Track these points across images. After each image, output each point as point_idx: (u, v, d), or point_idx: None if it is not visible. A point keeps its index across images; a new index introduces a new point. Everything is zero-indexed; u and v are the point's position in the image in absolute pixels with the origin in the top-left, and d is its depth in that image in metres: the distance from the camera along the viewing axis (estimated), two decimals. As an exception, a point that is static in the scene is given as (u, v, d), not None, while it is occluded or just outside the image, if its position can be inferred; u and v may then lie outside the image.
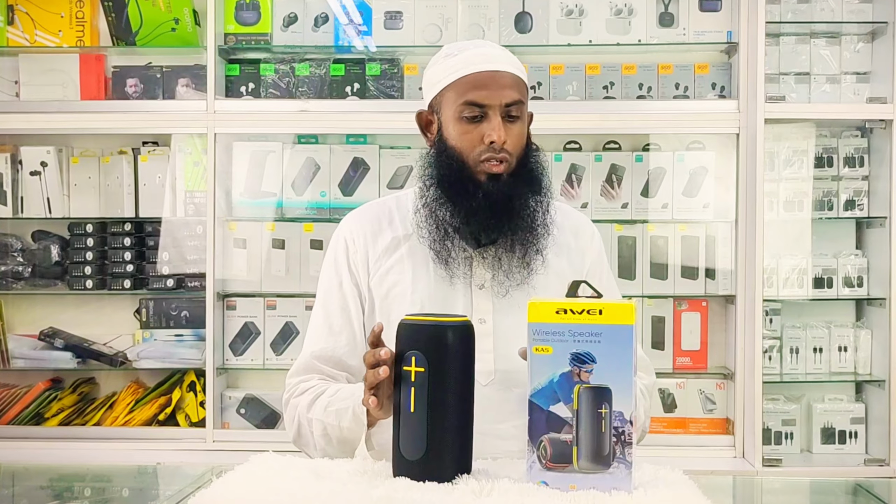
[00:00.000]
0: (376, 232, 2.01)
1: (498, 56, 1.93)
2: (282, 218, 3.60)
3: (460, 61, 1.92)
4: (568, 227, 2.03)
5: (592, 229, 2.09)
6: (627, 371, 1.48)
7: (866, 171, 3.51)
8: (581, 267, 2.02)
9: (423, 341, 1.57)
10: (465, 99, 1.89)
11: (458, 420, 1.57)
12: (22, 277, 3.64)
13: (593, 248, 2.06)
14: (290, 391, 1.98)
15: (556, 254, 1.98)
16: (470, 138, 1.89)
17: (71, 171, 3.64)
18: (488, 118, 1.89)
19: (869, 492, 1.90)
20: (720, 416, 3.51)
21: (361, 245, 2.00)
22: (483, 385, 1.88)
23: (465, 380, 1.59)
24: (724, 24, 3.53)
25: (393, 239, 1.99)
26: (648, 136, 3.57)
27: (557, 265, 1.97)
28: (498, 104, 1.88)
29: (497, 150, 1.88)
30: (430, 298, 1.92)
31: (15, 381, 3.66)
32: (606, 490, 1.48)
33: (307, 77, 3.61)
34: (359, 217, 2.05)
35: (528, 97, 1.97)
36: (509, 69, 1.92)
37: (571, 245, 2.02)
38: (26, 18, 3.65)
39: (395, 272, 1.96)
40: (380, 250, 1.99)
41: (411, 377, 1.56)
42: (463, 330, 1.59)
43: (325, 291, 2.03)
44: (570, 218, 2.06)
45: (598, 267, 2.05)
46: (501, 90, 1.89)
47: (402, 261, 1.97)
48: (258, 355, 3.58)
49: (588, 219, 2.12)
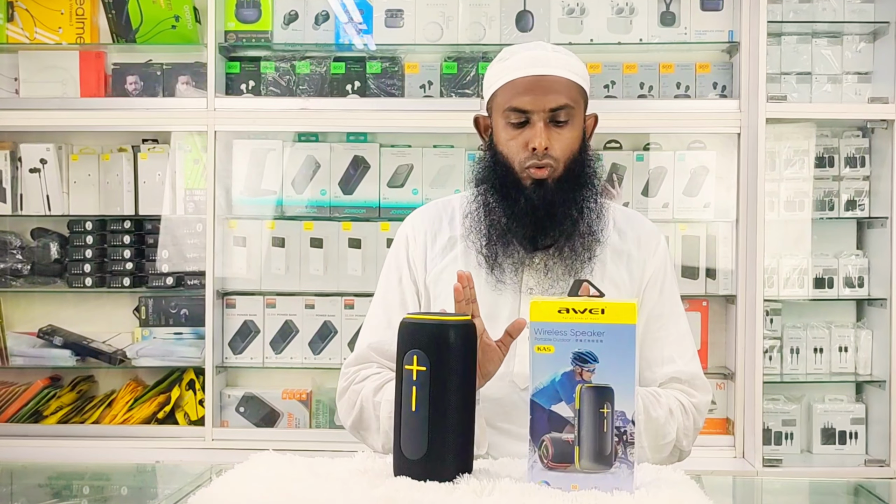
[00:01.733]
0: (436, 230, 2.02)
1: (547, 59, 1.91)
2: (282, 216, 3.59)
3: (510, 65, 1.92)
4: (631, 236, 2.00)
5: (658, 239, 2.03)
6: (630, 371, 1.47)
7: (867, 171, 3.50)
8: (641, 277, 1.98)
9: (425, 340, 1.56)
10: (509, 105, 1.89)
11: (460, 419, 1.56)
12: (21, 275, 3.63)
13: (656, 259, 2.00)
14: (348, 379, 1.98)
15: (615, 262, 1.96)
16: (515, 144, 1.89)
17: (70, 169, 3.63)
18: (532, 124, 1.87)
19: (871, 492, 1.89)
20: (720, 417, 3.50)
21: (421, 242, 2.02)
22: (521, 389, 1.87)
23: (467, 379, 1.58)
24: (726, 24, 3.53)
25: (450, 238, 2.00)
26: (649, 136, 3.56)
27: (616, 273, 1.95)
28: (542, 109, 1.87)
29: (540, 156, 1.86)
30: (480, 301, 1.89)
31: (14, 378, 3.65)
32: (608, 490, 1.47)
33: (308, 75, 3.61)
34: (422, 214, 2.07)
35: (584, 100, 1.94)
36: (558, 72, 1.89)
37: (633, 254, 1.99)
38: (26, 15, 3.64)
39: (450, 271, 1.96)
40: (438, 248, 2.00)
41: (413, 376, 1.55)
42: (465, 329, 1.58)
43: (385, 285, 2.04)
44: (635, 226, 2.03)
45: (658, 279, 2.00)
46: (545, 95, 1.87)
47: (456, 260, 1.98)
48: (258, 354, 3.58)
49: (656, 228, 2.06)
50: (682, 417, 1.91)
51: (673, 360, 1.96)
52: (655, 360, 1.96)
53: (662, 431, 1.87)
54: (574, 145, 1.91)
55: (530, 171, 1.88)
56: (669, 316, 2.00)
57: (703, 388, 1.98)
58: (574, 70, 1.92)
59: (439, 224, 2.03)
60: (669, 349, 1.97)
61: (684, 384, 1.94)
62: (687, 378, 1.94)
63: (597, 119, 2.00)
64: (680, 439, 1.91)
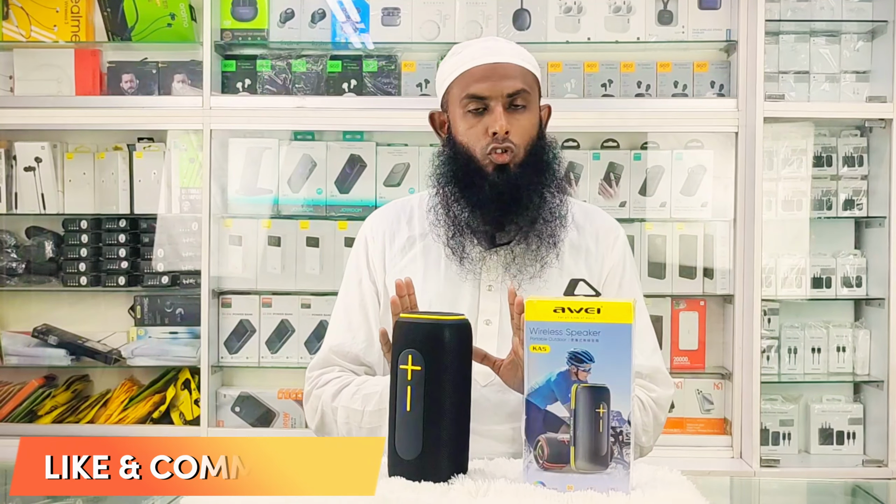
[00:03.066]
0: (395, 230, 2.02)
1: (500, 48, 1.93)
2: (278, 215, 3.58)
3: (463, 57, 1.94)
4: (590, 231, 2.00)
5: (617, 233, 2.03)
6: (626, 370, 1.46)
7: (865, 170, 3.49)
8: (600, 273, 1.98)
9: (420, 339, 1.55)
10: (466, 93, 1.90)
11: (455, 419, 1.55)
12: (16, 274, 3.62)
13: (614, 253, 2.00)
14: (311, 383, 1.99)
15: (573, 256, 1.96)
16: (475, 132, 1.90)
17: (65, 167, 3.62)
18: (491, 110, 1.88)
19: (868, 493, 1.88)
20: (718, 417, 3.49)
21: (380, 243, 2.02)
22: (482, 386, 1.87)
23: (463, 379, 1.57)
24: (724, 23, 3.51)
25: (409, 238, 2.00)
26: (647, 135, 3.55)
27: (574, 269, 1.94)
28: (499, 95, 1.88)
29: (501, 140, 1.87)
30: (439, 297, 1.92)
31: (8, 378, 3.63)
32: (604, 491, 1.46)
33: (304, 73, 3.59)
34: (380, 215, 2.08)
35: (538, 88, 1.96)
36: (512, 60, 1.92)
37: (591, 249, 1.99)
38: (21, 13, 3.63)
39: (409, 271, 1.95)
40: (396, 249, 2.00)
41: (407, 375, 1.54)
42: (460, 329, 1.57)
43: (345, 288, 2.05)
44: (594, 221, 2.03)
45: (617, 274, 1.99)
46: (502, 81, 1.88)
47: (415, 260, 1.98)
48: (253, 353, 3.57)
49: (615, 222, 2.06)
50: (639, 414, 1.90)
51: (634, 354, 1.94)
52: None
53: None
54: (532, 131, 1.92)
55: (492, 157, 1.88)
56: None
57: (664, 383, 1.97)
58: (526, 58, 1.95)
59: (397, 224, 2.03)
60: None
61: (645, 379, 1.93)
62: (648, 372, 1.93)
63: (550, 110, 2.01)
64: (639, 435, 1.91)
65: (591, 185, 3.51)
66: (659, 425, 1.97)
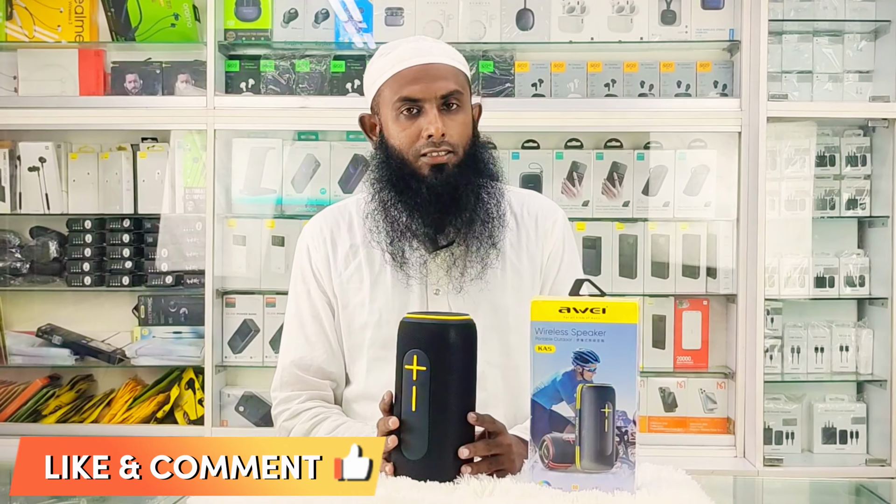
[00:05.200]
0: (336, 238, 1.98)
1: (430, 49, 1.89)
2: (281, 215, 3.59)
3: (393, 59, 1.89)
4: (528, 217, 1.97)
5: (556, 216, 1.99)
6: (631, 370, 1.47)
7: (868, 170, 3.49)
8: (541, 259, 1.95)
9: (425, 340, 1.55)
10: (399, 95, 1.86)
11: (461, 418, 1.56)
12: (20, 274, 3.62)
13: (554, 235, 1.97)
14: (279, 407, 1.97)
15: (514, 249, 1.94)
16: (408, 134, 1.86)
17: (69, 167, 3.62)
18: (425, 112, 1.85)
19: (872, 492, 1.88)
20: (721, 416, 3.49)
21: (322, 251, 1.97)
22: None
23: (467, 378, 1.57)
24: (727, 22, 3.52)
25: (351, 246, 1.96)
26: (650, 134, 3.55)
27: (517, 262, 1.93)
28: (433, 96, 1.84)
29: (437, 143, 1.84)
30: (388, 306, 1.89)
31: (12, 377, 3.64)
32: (609, 490, 1.46)
33: (307, 73, 3.60)
34: (318, 223, 2.01)
35: (469, 88, 1.93)
36: (443, 60, 1.88)
37: (531, 236, 1.96)
38: (25, 14, 3.63)
39: (355, 280, 1.93)
40: (340, 258, 1.96)
41: (413, 376, 1.54)
42: (465, 328, 1.58)
43: (295, 301, 2.00)
44: (531, 207, 2.00)
45: (557, 255, 1.96)
46: (435, 82, 1.84)
47: (360, 268, 1.94)
48: (257, 353, 3.57)
49: (553, 205, 2.03)
50: None
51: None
52: None
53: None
54: (467, 130, 1.89)
55: (426, 159, 1.85)
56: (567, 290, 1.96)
57: None
58: (456, 59, 1.92)
59: (338, 231, 1.98)
60: None
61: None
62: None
63: (481, 108, 1.98)
64: None
65: (594, 185, 3.52)
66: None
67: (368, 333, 1.92)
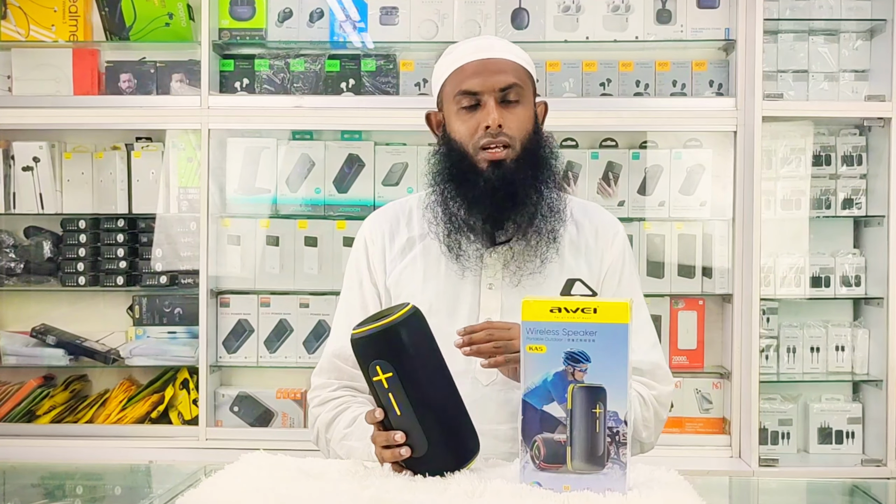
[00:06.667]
0: (394, 232, 2.02)
1: (491, 45, 1.94)
2: (276, 215, 3.58)
3: (455, 56, 1.95)
4: (589, 228, 2.00)
5: (616, 229, 2.02)
6: (622, 370, 1.46)
7: (864, 169, 3.49)
8: (599, 269, 1.97)
9: (378, 348, 1.55)
10: (459, 89, 1.90)
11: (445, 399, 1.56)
12: (14, 274, 3.62)
13: (614, 249, 2.00)
14: (312, 393, 2.01)
15: (573, 254, 1.95)
16: (468, 127, 1.89)
17: (64, 167, 3.61)
18: (483, 104, 1.88)
19: (866, 493, 1.88)
20: (716, 416, 3.49)
21: (379, 245, 2.01)
22: (484, 385, 1.87)
23: (433, 360, 1.58)
24: (722, 22, 3.51)
25: (409, 239, 2.00)
26: (645, 134, 3.54)
27: (574, 266, 1.94)
28: (491, 89, 1.88)
29: (495, 134, 1.86)
30: (439, 297, 1.92)
31: (6, 378, 3.63)
32: (601, 491, 1.46)
33: (302, 73, 3.59)
34: (378, 217, 2.07)
35: (532, 84, 1.96)
36: (503, 55, 1.92)
37: (591, 246, 1.98)
38: (19, 13, 3.62)
39: (409, 272, 1.96)
40: (396, 250, 2.00)
41: (384, 384, 1.54)
42: (410, 320, 1.57)
43: (347, 291, 2.05)
44: (592, 218, 2.02)
45: (616, 270, 1.98)
46: (494, 75, 1.89)
47: (415, 261, 1.97)
48: (252, 353, 3.56)
49: (614, 218, 2.06)
50: (640, 409, 1.90)
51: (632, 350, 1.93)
52: None
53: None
54: (527, 125, 1.91)
55: (486, 153, 1.88)
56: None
57: (664, 379, 1.96)
58: (518, 54, 1.95)
59: (397, 225, 2.03)
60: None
61: (645, 376, 1.92)
62: (648, 368, 1.93)
63: (546, 107, 2.01)
64: (639, 430, 1.90)
65: (589, 185, 3.51)
66: (660, 421, 1.97)
67: None
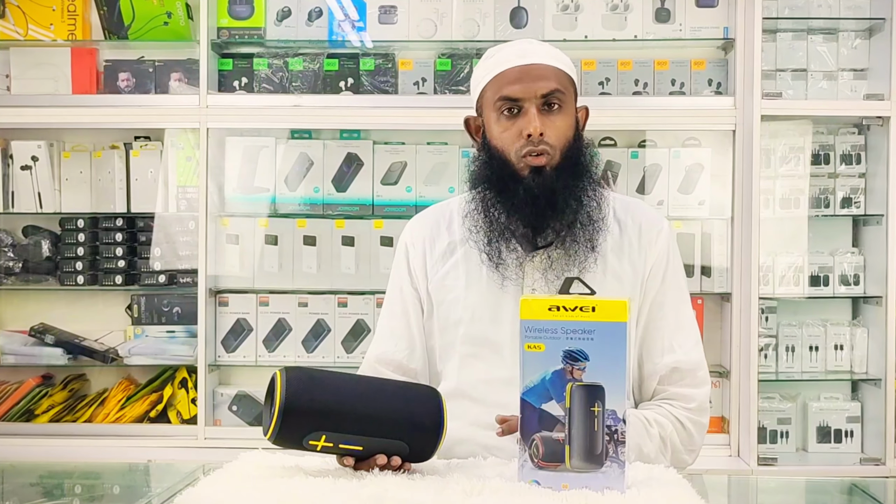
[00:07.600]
0: (434, 236, 2.01)
1: (533, 50, 1.92)
2: (275, 214, 3.58)
3: (496, 60, 1.92)
4: (632, 226, 1.97)
5: (661, 227, 1.98)
6: (621, 369, 1.46)
7: (863, 168, 3.49)
8: (643, 268, 1.94)
9: (294, 432, 1.53)
10: (500, 95, 1.88)
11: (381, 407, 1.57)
12: (12, 273, 3.61)
13: (658, 246, 1.96)
14: None
15: (616, 255, 1.93)
16: (509, 134, 1.88)
17: (62, 166, 3.61)
18: (525, 111, 1.86)
19: (865, 492, 1.88)
20: (715, 415, 3.48)
21: (420, 250, 2.01)
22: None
23: (341, 390, 1.56)
24: (721, 20, 3.51)
25: (450, 244, 1.99)
26: (644, 133, 3.54)
27: (618, 267, 1.92)
28: (533, 96, 1.86)
29: (536, 142, 1.85)
30: (482, 305, 1.91)
31: (5, 377, 3.63)
32: (599, 489, 1.46)
33: (301, 72, 3.59)
34: (420, 221, 2.06)
35: (574, 90, 1.94)
36: (545, 61, 1.90)
37: (634, 244, 1.95)
38: (18, 12, 3.62)
39: (451, 278, 1.96)
40: (437, 255, 1.99)
41: (329, 447, 1.55)
42: (291, 384, 1.53)
43: (389, 295, 2.05)
44: (636, 216, 1.99)
45: (660, 267, 1.95)
46: (535, 82, 1.86)
47: (457, 266, 1.97)
48: (250, 352, 3.56)
49: (659, 215, 2.03)
50: (677, 438, 1.88)
51: (673, 349, 1.93)
52: (656, 350, 1.93)
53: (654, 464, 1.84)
54: (568, 132, 1.90)
55: (527, 160, 1.86)
56: (671, 304, 1.95)
57: (703, 382, 1.94)
58: (560, 59, 1.93)
59: (437, 230, 2.02)
60: (669, 338, 1.93)
61: (686, 377, 1.91)
62: (689, 368, 1.91)
63: (588, 112, 1.99)
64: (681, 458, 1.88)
65: (588, 184, 3.51)
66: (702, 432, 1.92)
67: (461, 330, 1.93)
